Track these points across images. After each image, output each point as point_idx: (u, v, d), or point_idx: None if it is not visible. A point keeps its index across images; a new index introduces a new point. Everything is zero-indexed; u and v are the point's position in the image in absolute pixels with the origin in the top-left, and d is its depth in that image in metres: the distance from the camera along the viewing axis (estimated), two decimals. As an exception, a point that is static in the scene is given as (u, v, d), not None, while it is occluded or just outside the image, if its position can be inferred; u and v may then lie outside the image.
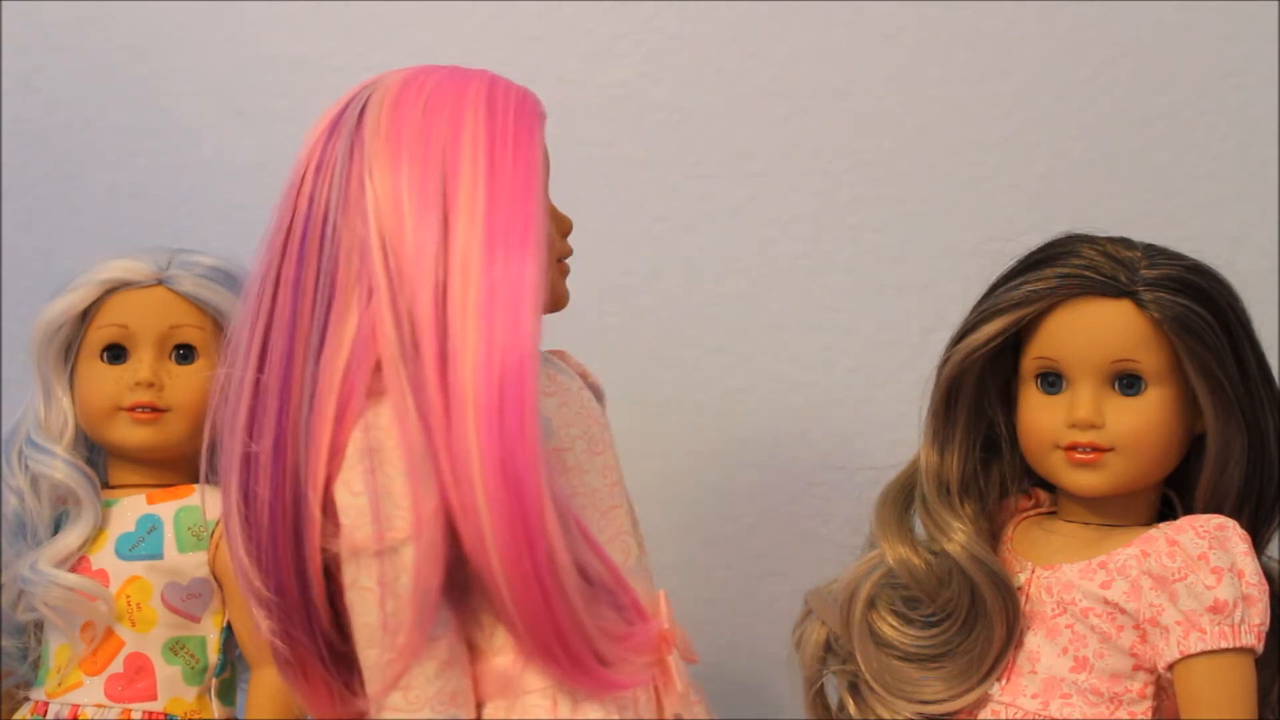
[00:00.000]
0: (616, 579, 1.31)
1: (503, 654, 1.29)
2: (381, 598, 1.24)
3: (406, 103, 1.30)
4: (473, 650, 1.30)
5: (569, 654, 1.27)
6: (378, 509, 1.23)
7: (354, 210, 1.27)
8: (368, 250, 1.26)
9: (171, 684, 1.50)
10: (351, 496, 1.25)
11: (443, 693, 1.26)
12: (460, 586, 1.27)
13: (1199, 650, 1.32)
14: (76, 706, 1.49)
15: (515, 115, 1.30)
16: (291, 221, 1.29)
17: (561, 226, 1.37)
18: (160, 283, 1.52)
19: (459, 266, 1.26)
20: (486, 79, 1.32)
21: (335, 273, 1.27)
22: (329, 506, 1.25)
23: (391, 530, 1.23)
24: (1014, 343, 1.42)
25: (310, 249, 1.28)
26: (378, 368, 1.26)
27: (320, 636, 1.29)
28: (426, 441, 1.24)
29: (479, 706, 1.29)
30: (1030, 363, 1.40)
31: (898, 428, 1.53)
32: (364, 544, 1.24)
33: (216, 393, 1.32)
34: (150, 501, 1.52)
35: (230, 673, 1.53)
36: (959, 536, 1.41)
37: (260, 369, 1.28)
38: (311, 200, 1.29)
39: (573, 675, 1.28)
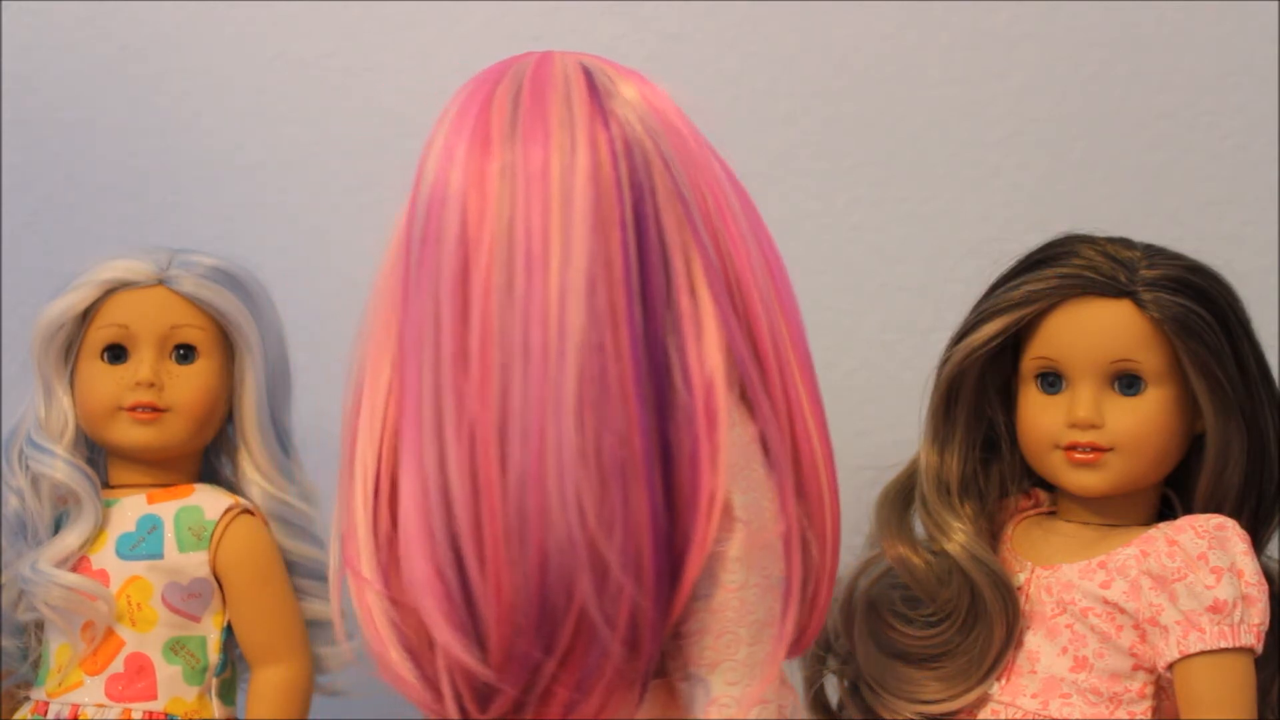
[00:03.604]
0: None
1: None
2: (791, 584, 1.23)
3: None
4: None
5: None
6: (785, 498, 1.23)
7: (671, 199, 1.23)
8: (697, 241, 1.22)
9: (172, 684, 1.50)
10: (744, 495, 1.21)
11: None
12: None
13: (1198, 650, 1.32)
14: (77, 706, 1.49)
15: None
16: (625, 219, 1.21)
17: None
18: (161, 283, 1.52)
19: (755, 248, 1.25)
20: None
21: (671, 263, 1.21)
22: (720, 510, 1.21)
23: (783, 520, 1.23)
24: (1014, 343, 1.42)
25: (629, 246, 1.20)
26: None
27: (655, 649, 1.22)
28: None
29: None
30: (1030, 363, 1.40)
31: (898, 428, 1.52)
32: (769, 539, 1.22)
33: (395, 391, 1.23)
34: (151, 501, 1.52)
35: (230, 673, 1.53)
36: (959, 536, 1.41)
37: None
38: (619, 186, 1.21)
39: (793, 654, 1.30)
